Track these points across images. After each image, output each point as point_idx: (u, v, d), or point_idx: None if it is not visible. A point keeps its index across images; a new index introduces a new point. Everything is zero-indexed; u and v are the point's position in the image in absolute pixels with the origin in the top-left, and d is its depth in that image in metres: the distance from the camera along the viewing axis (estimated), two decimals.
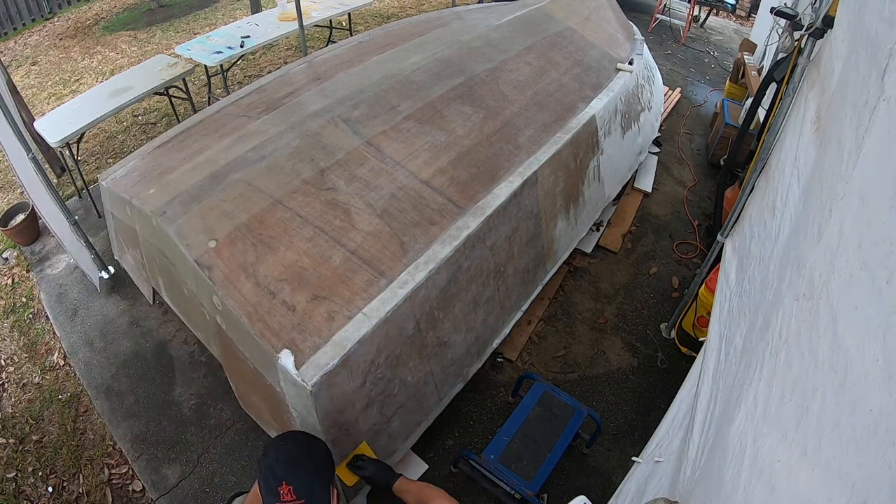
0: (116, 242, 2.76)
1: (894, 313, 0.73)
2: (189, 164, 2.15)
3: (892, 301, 0.75)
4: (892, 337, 0.71)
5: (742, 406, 1.12)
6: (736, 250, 1.95)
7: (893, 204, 0.81)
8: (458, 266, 1.95)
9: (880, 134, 0.89)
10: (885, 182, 0.85)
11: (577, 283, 3.01)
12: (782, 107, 1.73)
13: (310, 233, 1.86)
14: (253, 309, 1.67)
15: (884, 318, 0.75)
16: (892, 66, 0.89)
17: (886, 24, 0.94)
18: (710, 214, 3.48)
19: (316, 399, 1.54)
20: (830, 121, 1.27)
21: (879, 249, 0.82)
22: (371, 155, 2.16)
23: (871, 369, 0.73)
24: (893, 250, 0.78)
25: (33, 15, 6.75)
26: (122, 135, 4.37)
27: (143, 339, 2.71)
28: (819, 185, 1.19)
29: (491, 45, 2.94)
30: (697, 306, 2.46)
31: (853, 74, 1.13)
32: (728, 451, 1.10)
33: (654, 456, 1.85)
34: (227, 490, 2.12)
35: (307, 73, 2.77)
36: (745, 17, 6.73)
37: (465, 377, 2.20)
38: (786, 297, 1.14)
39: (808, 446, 0.81)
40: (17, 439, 2.40)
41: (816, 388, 0.85)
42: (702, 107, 4.74)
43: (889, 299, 0.76)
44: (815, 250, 1.05)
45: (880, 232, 0.83)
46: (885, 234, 0.82)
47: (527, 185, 2.23)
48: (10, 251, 3.32)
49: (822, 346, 0.88)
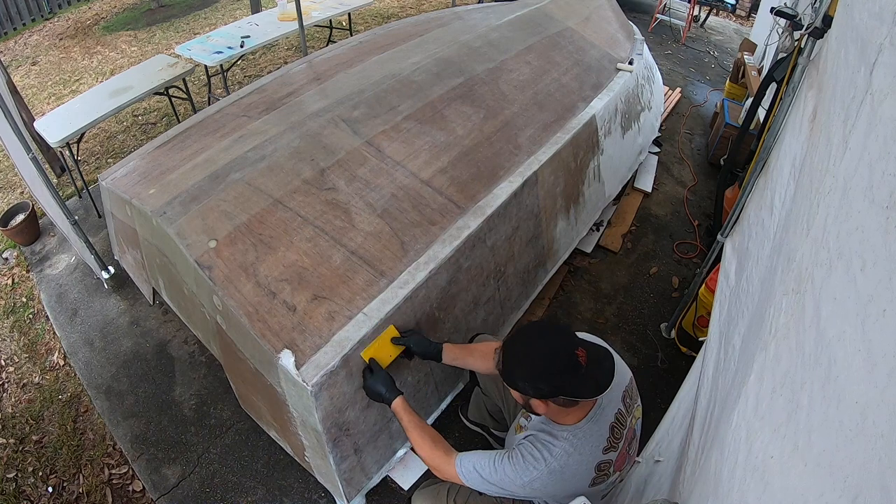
0: (116, 242, 2.77)
1: (871, 302, 0.72)
2: (189, 164, 2.15)
3: (867, 290, 0.75)
4: (870, 326, 0.71)
5: (738, 404, 1.13)
6: (736, 250, 1.96)
7: (867, 193, 0.81)
8: (458, 266, 1.95)
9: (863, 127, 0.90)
10: (862, 172, 0.85)
11: (577, 283, 3.01)
12: (782, 107, 1.74)
13: (310, 233, 1.86)
14: (253, 309, 1.68)
15: (861, 307, 0.74)
16: (880, 61, 0.89)
17: (876, 20, 0.94)
18: (710, 214, 3.48)
19: (316, 399, 1.55)
20: (822, 116, 1.27)
21: (854, 238, 0.82)
22: (371, 155, 2.16)
23: (853, 360, 0.73)
24: (866, 238, 0.78)
25: (33, 15, 6.76)
26: (122, 135, 4.37)
27: (143, 339, 2.71)
28: (808, 180, 1.19)
29: (491, 44, 2.94)
30: (697, 306, 2.46)
31: (843, 70, 1.14)
32: (724, 450, 1.11)
33: (654, 456, 1.85)
34: (227, 490, 2.13)
35: (307, 73, 2.78)
36: (745, 17, 6.73)
37: (465, 377, 2.20)
38: (777, 293, 1.15)
39: (798, 441, 0.81)
40: (18, 439, 2.40)
41: (804, 381, 0.85)
42: (702, 107, 4.74)
43: (864, 288, 0.75)
44: (804, 244, 1.06)
45: (855, 220, 0.83)
46: (859, 223, 0.82)
47: (527, 184, 2.23)
48: (10, 251, 3.32)
49: (808, 340, 0.88)
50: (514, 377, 1.26)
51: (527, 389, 1.24)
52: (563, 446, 1.26)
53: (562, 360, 1.20)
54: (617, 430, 1.31)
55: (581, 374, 1.19)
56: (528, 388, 1.23)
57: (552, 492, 1.30)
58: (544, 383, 1.21)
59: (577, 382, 1.20)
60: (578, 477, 1.28)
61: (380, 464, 1.89)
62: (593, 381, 1.21)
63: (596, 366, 1.22)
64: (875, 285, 0.73)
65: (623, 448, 1.34)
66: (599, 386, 1.21)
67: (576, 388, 1.20)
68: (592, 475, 1.28)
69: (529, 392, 1.24)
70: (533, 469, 1.26)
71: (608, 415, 1.31)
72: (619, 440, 1.32)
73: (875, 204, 0.78)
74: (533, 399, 1.26)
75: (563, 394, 1.21)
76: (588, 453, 1.27)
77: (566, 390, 1.20)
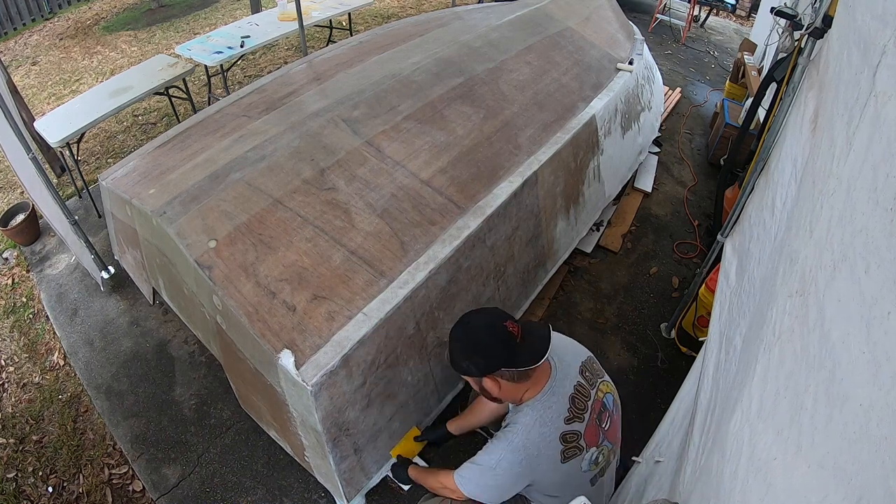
0: (116, 242, 2.76)
1: (875, 305, 0.72)
2: (189, 164, 2.15)
3: (871, 292, 0.74)
4: (875, 329, 0.70)
5: (739, 405, 1.13)
6: (736, 250, 1.96)
7: (871, 195, 0.81)
8: (458, 266, 1.95)
9: (867, 128, 0.90)
10: (866, 174, 0.85)
11: (577, 282, 3.01)
12: (782, 107, 1.73)
13: (310, 233, 1.86)
14: (253, 309, 1.68)
15: (866, 309, 0.74)
16: (883, 63, 0.89)
17: (879, 23, 0.94)
18: (710, 214, 3.48)
19: (316, 399, 1.55)
20: (825, 118, 1.27)
21: (858, 240, 0.82)
22: (371, 155, 2.16)
23: (857, 363, 0.72)
24: (871, 240, 0.78)
25: (33, 15, 6.76)
26: (122, 135, 4.37)
27: (143, 339, 2.71)
28: (811, 181, 1.19)
29: (491, 44, 2.94)
30: (697, 306, 2.46)
31: (846, 72, 1.14)
32: (726, 450, 1.10)
33: (654, 456, 1.85)
34: (227, 490, 2.13)
35: (307, 73, 2.78)
36: (745, 17, 6.73)
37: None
38: (779, 294, 1.15)
39: (802, 443, 0.80)
40: (18, 439, 2.40)
41: (808, 384, 0.84)
42: (702, 107, 4.74)
43: (868, 290, 0.75)
44: (807, 246, 1.06)
45: (859, 222, 0.83)
46: (863, 224, 0.82)
47: (527, 184, 2.23)
48: (10, 251, 3.32)
49: (812, 342, 0.88)
50: (457, 360, 1.36)
51: (470, 369, 1.33)
52: (524, 421, 1.33)
53: (493, 334, 1.30)
54: (579, 401, 1.37)
55: (515, 344, 1.29)
56: (471, 367, 1.33)
57: (524, 470, 1.33)
58: (481, 356, 1.31)
59: (512, 353, 1.28)
60: (545, 448, 1.32)
61: (380, 464, 1.89)
62: (530, 349, 1.29)
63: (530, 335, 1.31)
64: (879, 287, 0.73)
65: (592, 420, 1.38)
66: (536, 353, 1.28)
67: (512, 358, 1.29)
68: (560, 447, 1.32)
69: (473, 371, 1.33)
70: (499, 451, 1.33)
71: (566, 387, 1.37)
72: (584, 411, 1.37)
73: (879, 206, 0.77)
74: (484, 381, 1.34)
75: (503, 365, 1.29)
76: (550, 423, 1.32)
77: (504, 360, 1.29)
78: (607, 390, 1.47)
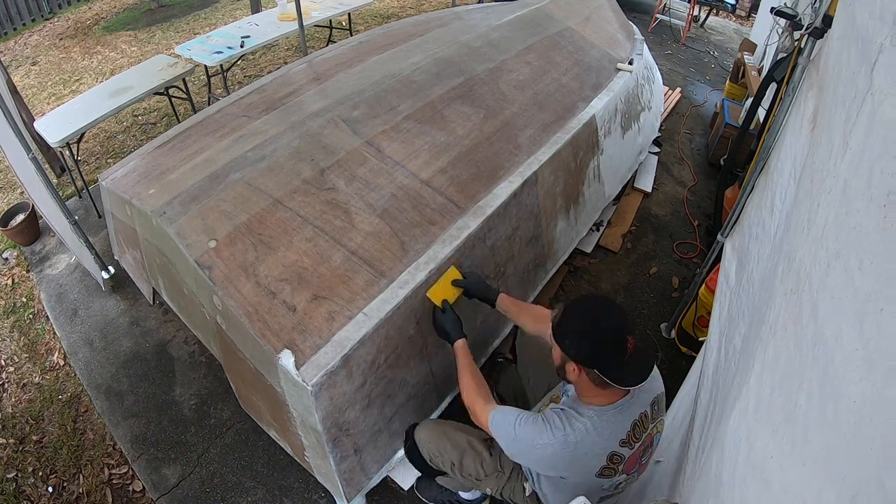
0: (116, 242, 2.77)
1: (868, 301, 0.72)
2: (189, 164, 2.15)
3: (865, 288, 0.75)
4: (868, 325, 0.71)
5: (738, 403, 1.13)
6: (736, 250, 1.96)
7: (865, 192, 0.82)
8: (457, 266, 1.95)
9: (864, 125, 0.90)
10: (862, 171, 0.85)
11: (577, 283, 3.01)
12: (782, 107, 1.74)
13: (310, 233, 1.86)
14: (253, 309, 1.68)
15: (859, 306, 0.74)
16: (880, 61, 0.90)
17: (877, 20, 0.95)
18: (710, 214, 3.47)
19: (316, 399, 1.55)
20: (823, 117, 1.28)
21: (852, 236, 0.83)
22: (371, 155, 2.16)
23: (850, 359, 0.73)
24: (864, 236, 0.79)
25: (33, 15, 6.76)
26: (122, 135, 4.37)
27: (143, 339, 2.71)
28: (810, 180, 1.20)
29: (491, 44, 2.94)
30: (697, 306, 2.46)
31: (844, 70, 1.14)
32: (725, 450, 1.11)
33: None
34: (227, 490, 2.13)
35: (307, 73, 2.78)
36: (745, 17, 6.73)
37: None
38: (777, 293, 1.15)
39: (797, 440, 0.81)
40: (17, 439, 2.40)
41: (802, 381, 0.85)
42: (702, 107, 4.74)
43: (862, 286, 0.76)
44: (804, 244, 1.06)
45: (854, 219, 0.84)
46: (857, 221, 0.82)
47: (527, 184, 2.23)
48: (10, 251, 3.32)
49: (806, 339, 0.89)
50: (565, 331, 1.31)
51: (571, 347, 1.28)
52: (585, 423, 1.29)
53: (615, 342, 1.24)
54: (638, 429, 1.34)
55: (623, 360, 1.24)
56: (572, 345, 1.28)
57: (559, 464, 1.32)
58: (589, 345, 1.26)
59: (616, 363, 1.24)
60: (589, 458, 1.30)
61: (380, 464, 1.89)
62: (630, 371, 1.25)
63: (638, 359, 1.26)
64: (872, 283, 0.73)
65: (638, 450, 1.36)
66: (634, 377, 1.25)
67: (612, 368, 1.24)
68: (602, 464, 1.30)
69: (571, 351, 1.28)
70: (550, 434, 1.29)
71: (634, 411, 1.33)
72: (638, 441, 1.34)
73: (873, 203, 0.78)
74: (569, 363, 1.29)
75: (599, 367, 1.24)
76: (606, 438, 1.30)
77: (603, 364, 1.24)
78: (660, 429, 1.45)
